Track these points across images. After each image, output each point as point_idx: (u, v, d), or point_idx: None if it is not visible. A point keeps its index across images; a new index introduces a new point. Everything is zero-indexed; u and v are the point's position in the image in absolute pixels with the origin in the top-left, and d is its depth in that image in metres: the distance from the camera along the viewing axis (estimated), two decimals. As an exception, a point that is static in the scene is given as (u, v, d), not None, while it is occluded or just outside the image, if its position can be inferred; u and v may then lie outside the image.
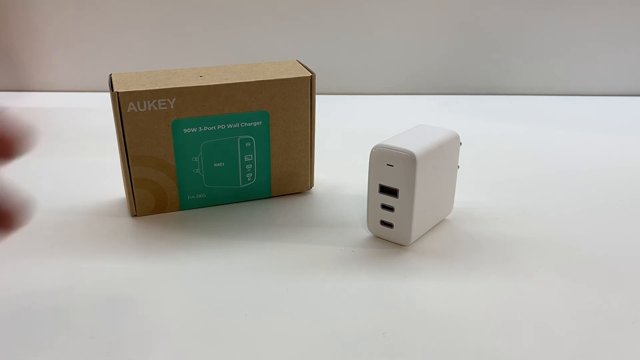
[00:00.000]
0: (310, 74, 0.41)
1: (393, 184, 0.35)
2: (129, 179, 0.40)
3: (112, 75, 0.40)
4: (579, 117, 0.64)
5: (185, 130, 0.39)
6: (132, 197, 0.40)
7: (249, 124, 0.41)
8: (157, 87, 0.38)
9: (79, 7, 0.65)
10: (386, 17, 0.67)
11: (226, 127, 0.40)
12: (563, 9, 0.67)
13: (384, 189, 0.36)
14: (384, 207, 0.36)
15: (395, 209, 0.36)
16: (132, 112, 0.38)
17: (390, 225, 0.37)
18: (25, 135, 0.20)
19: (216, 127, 0.40)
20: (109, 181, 0.46)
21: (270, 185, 0.44)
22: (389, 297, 0.32)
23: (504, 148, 0.55)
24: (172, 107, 0.38)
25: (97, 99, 0.66)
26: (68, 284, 0.34)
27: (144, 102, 0.38)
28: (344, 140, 0.56)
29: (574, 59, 0.69)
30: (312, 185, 0.45)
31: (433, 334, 0.29)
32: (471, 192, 0.45)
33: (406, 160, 0.34)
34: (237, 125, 0.40)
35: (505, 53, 0.69)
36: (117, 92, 0.37)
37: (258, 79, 0.40)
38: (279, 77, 0.40)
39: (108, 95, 0.37)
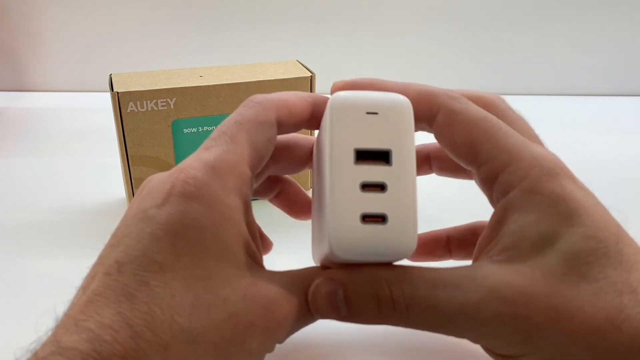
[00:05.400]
0: (310, 74, 0.41)
1: (381, 144, 0.21)
2: (129, 179, 0.40)
3: (112, 75, 0.40)
4: (579, 117, 0.64)
5: (185, 131, 0.39)
6: (132, 197, 0.40)
7: (249, 124, 0.41)
8: (157, 87, 0.38)
9: (79, 7, 0.65)
10: (387, 17, 0.67)
11: (226, 127, 0.40)
12: (563, 9, 0.67)
13: (364, 155, 0.21)
14: (366, 187, 0.21)
15: (389, 187, 0.21)
16: (132, 112, 0.38)
17: (381, 218, 0.21)
18: None
19: (216, 127, 0.40)
20: (109, 181, 0.46)
21: (270, 185, 0.44)
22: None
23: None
24: (172, 107, 0.38)
25: (97, 99, 0.66)
26: (68, 284, 0.34)
27: (144, 102, 0.38)
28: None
29: (573, 59, 0.69)
30: (312, 186, 0.45)
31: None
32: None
33: (399, 105, 0.22)
34: (237, 125, 0.40)
35: (505, 53, 0.69)
36: (117, 92, 0.37)
37: (258, 79, 0.40)
38: (279, 77, 0.40)
39: (108, 95, 0.37)
